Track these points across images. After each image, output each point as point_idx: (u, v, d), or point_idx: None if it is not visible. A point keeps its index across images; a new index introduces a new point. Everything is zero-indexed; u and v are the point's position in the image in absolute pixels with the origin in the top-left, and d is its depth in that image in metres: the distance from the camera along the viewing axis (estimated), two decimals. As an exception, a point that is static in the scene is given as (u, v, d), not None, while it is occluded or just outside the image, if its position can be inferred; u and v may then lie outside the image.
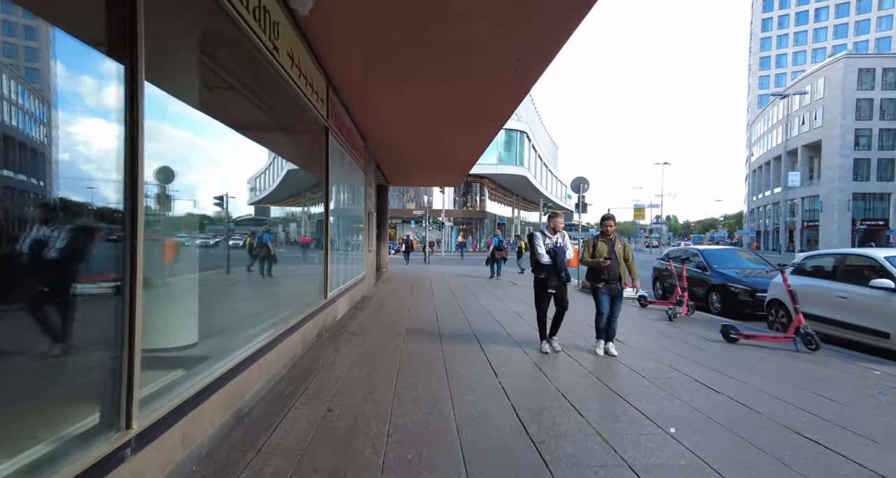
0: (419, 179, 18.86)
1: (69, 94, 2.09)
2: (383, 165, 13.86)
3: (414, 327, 7.14)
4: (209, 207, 3.53)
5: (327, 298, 6.68)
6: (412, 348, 5.84)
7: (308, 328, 5.61)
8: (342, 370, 4.81)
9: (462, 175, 16.36)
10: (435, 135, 9.88)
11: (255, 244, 4.56)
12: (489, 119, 8.58)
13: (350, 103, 7.80)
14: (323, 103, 6.23)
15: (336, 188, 7.50)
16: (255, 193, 4.63)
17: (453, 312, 8.69)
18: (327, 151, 6.76)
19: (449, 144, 11.10)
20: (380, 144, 10.99)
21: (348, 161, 8.64)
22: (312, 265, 6.59)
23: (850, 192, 50.95)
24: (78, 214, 2.13)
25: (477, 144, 10.93)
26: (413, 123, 8.91)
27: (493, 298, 10.99)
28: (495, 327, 7.35)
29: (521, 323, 7.69)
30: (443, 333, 6.79)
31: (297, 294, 5.76)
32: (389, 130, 9.59)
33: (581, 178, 14.62)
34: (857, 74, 50.20)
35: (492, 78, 6.33)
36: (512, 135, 48.58)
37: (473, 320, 7.85)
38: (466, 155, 12.75)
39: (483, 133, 9.67)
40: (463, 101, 7.39)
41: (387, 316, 8.16)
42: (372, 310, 8.77)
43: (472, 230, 51.80)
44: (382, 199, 17.94)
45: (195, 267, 3.31)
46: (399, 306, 9.28)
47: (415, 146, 11.46)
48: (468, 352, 5.73)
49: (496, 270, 16.06)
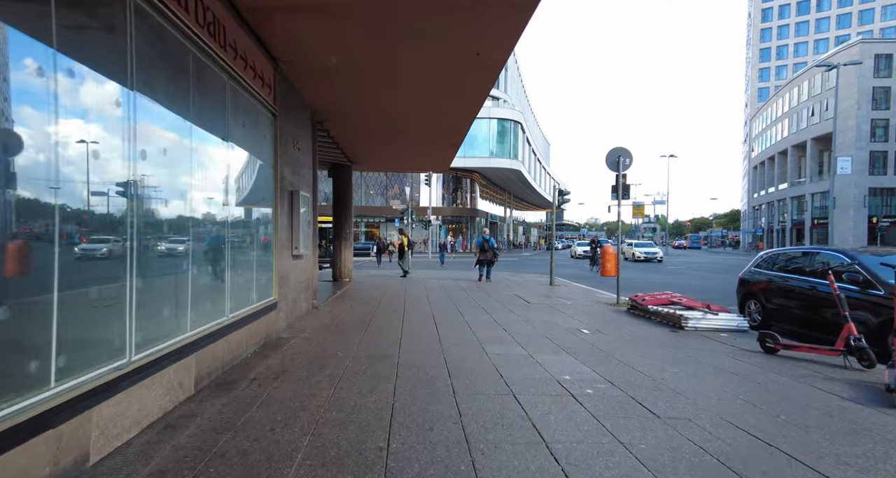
0: (394, 160, 14.33)
1: None
2: (334, 123, 9.35)
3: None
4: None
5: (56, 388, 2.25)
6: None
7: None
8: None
9: (452, 149, 11.91)
10: (413, 84, 5.52)
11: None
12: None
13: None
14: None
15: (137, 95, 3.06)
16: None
17: (434, 397, 4.21)
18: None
19: (429, 94, 6.76)
20: (323, 84, 6.55)
21: (207, 72, 4.16)
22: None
23: (866, 186, 47.60)
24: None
25: (467, 99, 6.66)
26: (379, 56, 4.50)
27: (499, 341, 6.55)
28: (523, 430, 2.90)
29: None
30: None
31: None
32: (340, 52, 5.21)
33: (620, 149, 10.27)
34: (874, 61, 46.86)
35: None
36: (505, 125, 44.27)
37: (478, 415, 3.41)
38: (455, 117, 8.39)
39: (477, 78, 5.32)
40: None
41: (276, 412, 3.68)
42: (259, 388, 4.29)
43: (462, 229, 47.32)
44: (342, 183, 13.37)
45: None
46: (324, 370, 4.79)
47: (383, 100, 7.07)
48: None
49: (484, 272, 14.43)
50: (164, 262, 3.53)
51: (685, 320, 7.20)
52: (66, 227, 2.48)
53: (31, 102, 2.30)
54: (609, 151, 10.33)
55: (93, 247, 2.76)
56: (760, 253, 8.42)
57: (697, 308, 7.66)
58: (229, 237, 4.53)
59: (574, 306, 9.30)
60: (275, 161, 5.71)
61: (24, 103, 2.26)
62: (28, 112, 2.29)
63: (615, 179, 10.29)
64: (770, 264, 7.85)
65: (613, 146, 10.38)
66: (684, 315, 7.25)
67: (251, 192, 5.33)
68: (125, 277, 2.91)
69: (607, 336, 6.54)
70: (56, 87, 2.37)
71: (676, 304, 8.11)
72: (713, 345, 6.10)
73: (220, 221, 4.39)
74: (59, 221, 2.42)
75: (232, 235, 4.62)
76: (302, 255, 7.02)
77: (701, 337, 6.61)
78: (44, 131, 2.33)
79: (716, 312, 7.26)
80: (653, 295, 8.78)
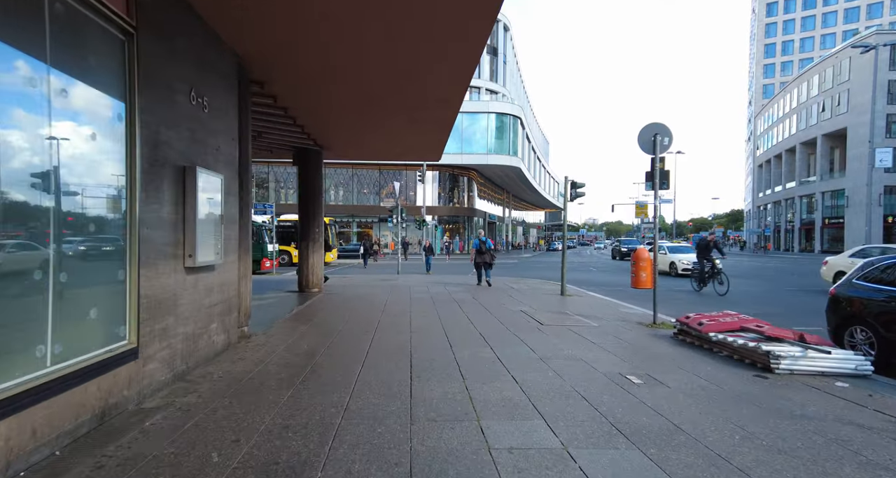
0: (375, 144, 11.93)
1: None
2: (282, 87, 7.08)
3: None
4: None
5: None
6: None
7: None
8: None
9: (443, 130, 9.60)
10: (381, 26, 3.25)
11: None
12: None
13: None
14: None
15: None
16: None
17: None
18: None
19: (406, 41, 4.49)
20: (249, 21, 4.26)
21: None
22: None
23: (882, 184, 45.46)
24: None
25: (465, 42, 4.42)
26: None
27: (509, 411, 4.27)
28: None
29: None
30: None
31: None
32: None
33: (657, 125, 7.99)
34: (890, 53, 44.75)
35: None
36: (504, 120, 41.93)
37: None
38: (443, 79, 6.13)
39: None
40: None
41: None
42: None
43: (459, 229, 44.97)
44: (310, 173, 11.03)
45: None
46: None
47: (343, 52, 4.76)
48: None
49: (483, 274, 13.50)
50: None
51: (775, 359, 4.92)
52: None
53: None
54: (642, 129, 8.05)
55: None
56: (866, 261, 6.14)
57: (786, 339, 5.39)
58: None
59: (602, 330, 7.01)
60: (129, 112, 3.39)
61: None
62: None
63: (650, 162, 8.00)
64: (884, 274, 5.57)
65: (647, 123, 8.10)
66: (773, 352, 4.97)
67: (80, 165, 3.02)
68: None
69: (670, 389, 4.27)
70: None
71: (751, 331, 5.83)
72: (835, 405, 3.87)
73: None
74: None
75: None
76: (212, 265, 4.70)
77: (806, 388, 4.36)
78: None
79: (824, 349, 4.97)
80: (712, 316, 6.50)
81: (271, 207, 19.57)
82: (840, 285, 6.10)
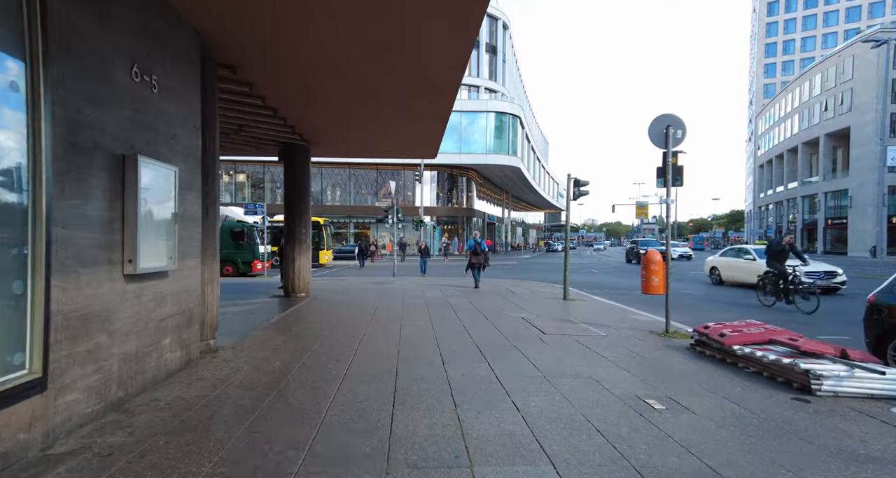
0: (366, 139, 11.23)
1: None
2: (255, 72, 6.43)
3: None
4: None
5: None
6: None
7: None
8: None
9: (439, 122, 8.94)
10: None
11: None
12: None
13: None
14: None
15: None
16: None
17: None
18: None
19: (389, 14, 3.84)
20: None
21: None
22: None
23: (887, 184, 44.82)
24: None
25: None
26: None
27: (509, 452, 3.59)
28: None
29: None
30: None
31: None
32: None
33: (669, 116, 7.34)
34: (894, 51, 44.13)
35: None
36: (503, 119, 41.24)
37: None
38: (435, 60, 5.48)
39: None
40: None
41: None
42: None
43: (458, 230, 44.26)
44: (297, 170, 10.36)
45: None
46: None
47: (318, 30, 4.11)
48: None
49: (479, 277, 13.23)
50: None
51: (817, 379, 4.26)
52: None
53: None
54: (654, 120, 7.41)
55: None
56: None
57: (826, 354, 4.73)
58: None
59: (611, 341, 6.34)
60: (31, 79, 2.71)
61: None
62: None
63: (662, 157, 7.35)
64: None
65: (659, 114, 7.46)
66: (813, 371, 4.30)
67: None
68: None
69: (698, 417, 3.62)
70: None
71: (781, 344, 5.17)
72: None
73: None
74: None
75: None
76: (164, 271, 4.03)
77: (861, 416, 3.70)
78: None
79: (876, 368, 4.29)
80: (734, 326, 5.83)
81: (262, 206, 18.85)
82: (880, 292, 5.43)
